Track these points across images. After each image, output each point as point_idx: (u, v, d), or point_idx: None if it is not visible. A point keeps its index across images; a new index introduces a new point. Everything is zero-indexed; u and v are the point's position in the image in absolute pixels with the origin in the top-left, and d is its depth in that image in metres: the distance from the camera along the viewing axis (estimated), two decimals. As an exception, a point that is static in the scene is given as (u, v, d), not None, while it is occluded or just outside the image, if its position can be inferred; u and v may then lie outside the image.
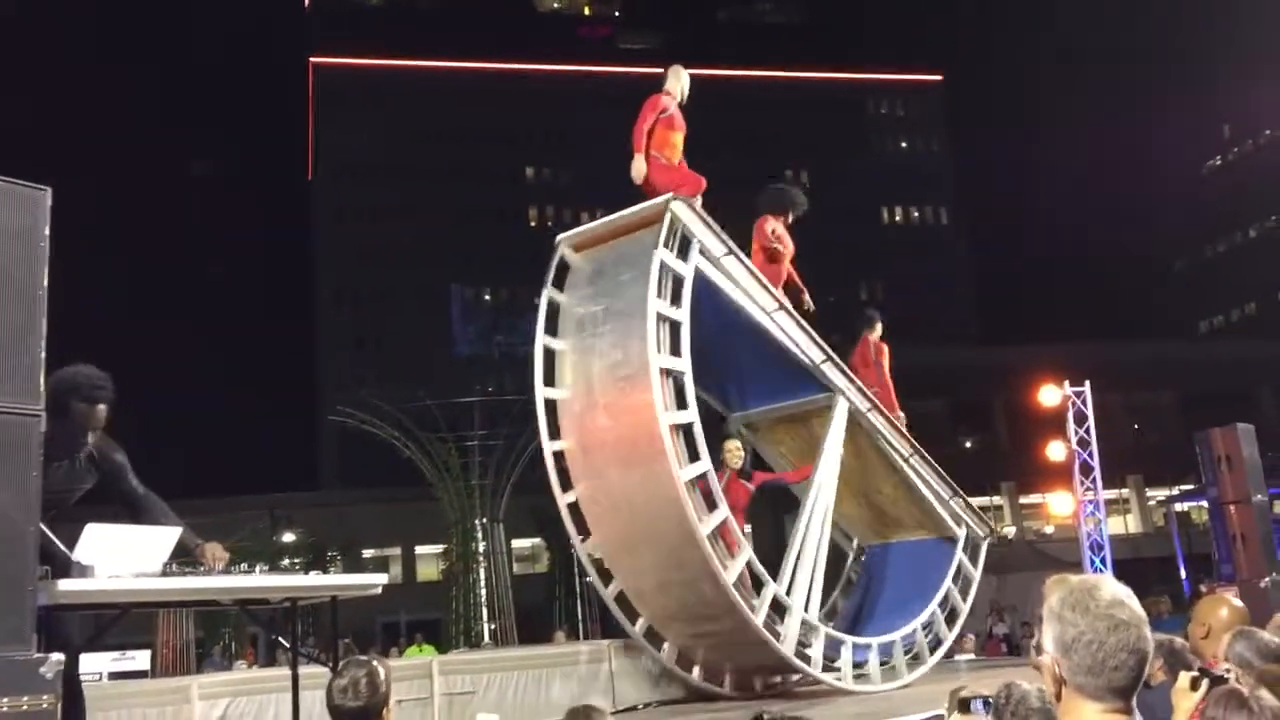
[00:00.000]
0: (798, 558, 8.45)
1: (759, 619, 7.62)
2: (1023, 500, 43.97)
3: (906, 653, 8.98)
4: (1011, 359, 38.60)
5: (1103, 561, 13.98)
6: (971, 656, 13.78)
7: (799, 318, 8.93)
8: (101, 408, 4.75)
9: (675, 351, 7.62)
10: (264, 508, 31.52)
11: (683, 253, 7.93)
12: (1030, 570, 22.86)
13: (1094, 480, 14.38)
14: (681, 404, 7.56)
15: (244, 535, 20.54)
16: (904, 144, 69.48)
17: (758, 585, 7.89)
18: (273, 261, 64.62)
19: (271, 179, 65.75)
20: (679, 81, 8.64)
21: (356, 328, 58.57)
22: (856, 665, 8.49)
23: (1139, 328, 54.03)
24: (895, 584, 10.10)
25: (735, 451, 8.94)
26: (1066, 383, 14.55)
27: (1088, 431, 14.41)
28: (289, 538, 32.04)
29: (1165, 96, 64.77)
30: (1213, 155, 71.73)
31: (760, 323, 8.70)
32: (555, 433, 8.10)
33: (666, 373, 7.52)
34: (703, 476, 7.55)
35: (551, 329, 8.18)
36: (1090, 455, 14.39)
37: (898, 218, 68.84)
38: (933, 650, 9.22)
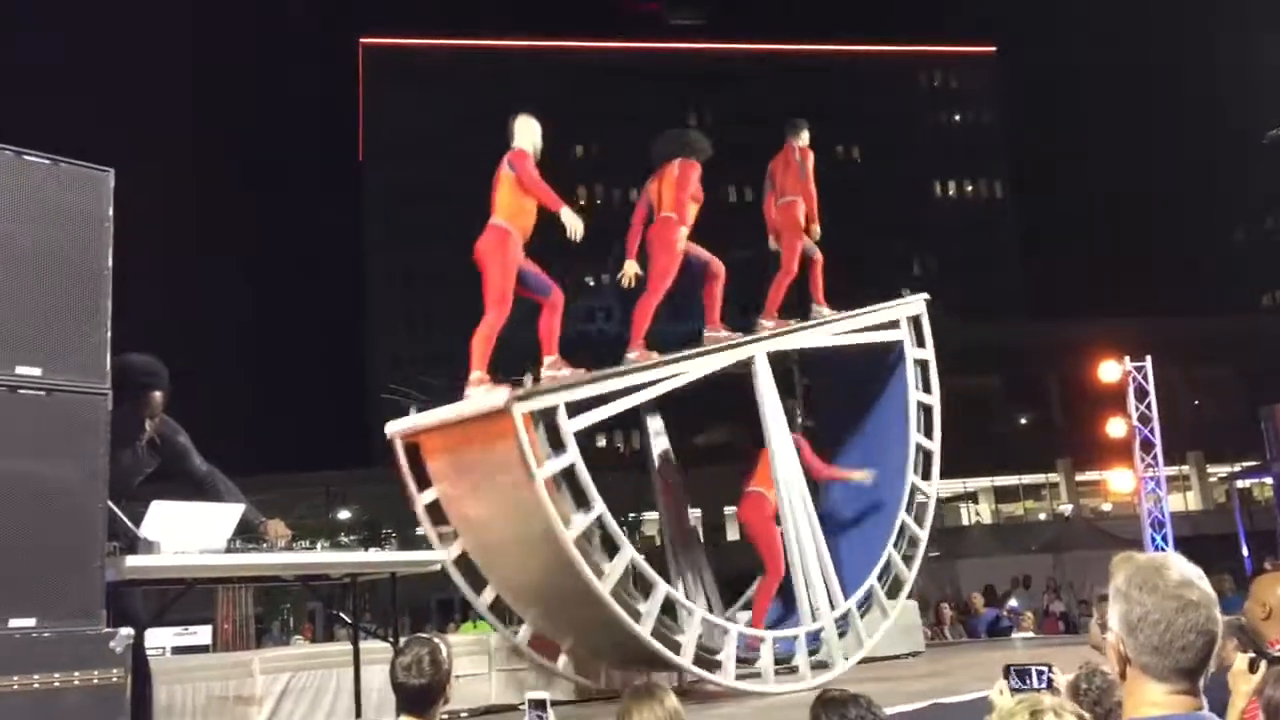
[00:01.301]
0: (799, 555, 8.05)
1: (647, 627, 6.91)
2: (1079, 477, 43.47)
3: (812, 653, 7.91)
4: (1067, 334, 38.13)
5: (1164, 539, 13.76)
6: (1029, 634, 13.66)
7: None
8: (156, 395, 4.82)
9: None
10: (320, 485, 31.91)
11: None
12: (1087, 548, 22.61)
13: (1155, 457, 14.13)
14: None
15: (302, 512, 20.77)
16: (956, 117, 68.51)
17: (646, 589, 7.25)
18: (325, 242, 65.30)
19: (324, 159, 66.40)
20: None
21: (407, 307, 58.98)
22: (745, 662, 7.62)
23: (1198, 301, 53.05)
24: (839, 551, 9.14)
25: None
26: (1127, 358, 14.30)
27: (1149, 407, 14.16)
28: (344, 515, 32.43)
29: (1226, 63, 63.35)
30: (1275, 124, 70.02)
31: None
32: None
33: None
34: (570, 469, 6.93)
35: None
36: (1151, 431, 14.15)
37: (950, 192, 67.96)
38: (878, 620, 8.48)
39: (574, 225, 7.31)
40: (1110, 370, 14.56)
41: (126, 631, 3.67)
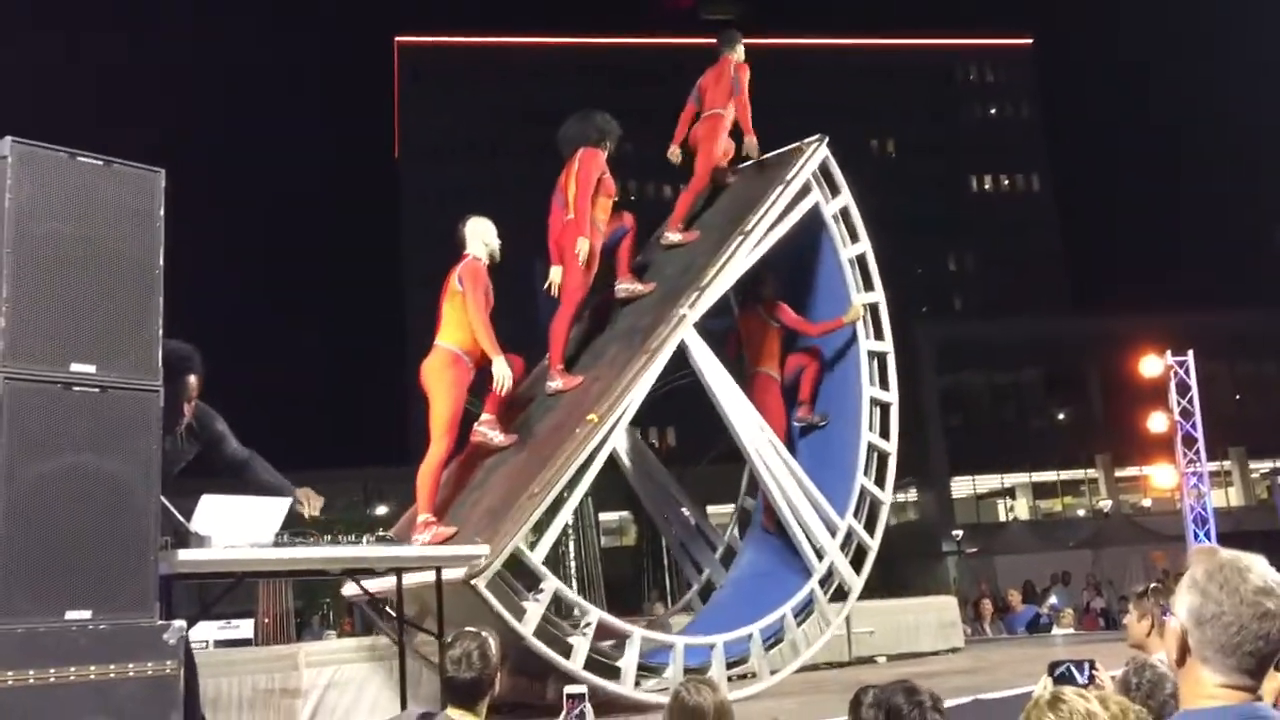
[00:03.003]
0: (786, 503, 7.55)
1: (530, 625, 6.26)
2: (1119, 473, 43.04)
3: (731, 664, 7.19)
4: (1108, 328, 37.76)
5: (1206, 535, 13.61)
6: (1070, 630, 13.58)
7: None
8: (192, 379, 4.91)
9: None
10: (358, 481, 32.11)
11: None
12: (1127, 544, 22.47)
13: (1197, 452, 13.98)
14: None
15: (340, 508, 20.96)
16: (993, 110, 67.92)
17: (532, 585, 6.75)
18: (363, 238, 65.69)
19: (361, 158, 66.80)
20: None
21: (444, 304, 59.23)
22: (649, 671, 7.01)
23: (1241, 296, 52.36)
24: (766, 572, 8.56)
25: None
26: (1169, 352, 14.15)
27: (1190, 402, 14.01)
28: (381, 510, 32.65)
29: (1262, 55, 62.43)
30: (1320, 116, 68.93)
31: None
32: None
33: None
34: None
35: None
36: (1193, 426, 14.00)
37: (987, 186, 67.40)
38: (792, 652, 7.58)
39: (502, 377, 6.72)
40: (1152, 365, 14.42)
41: (179, 624, 3.74)
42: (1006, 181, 67.55)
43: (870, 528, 8.12)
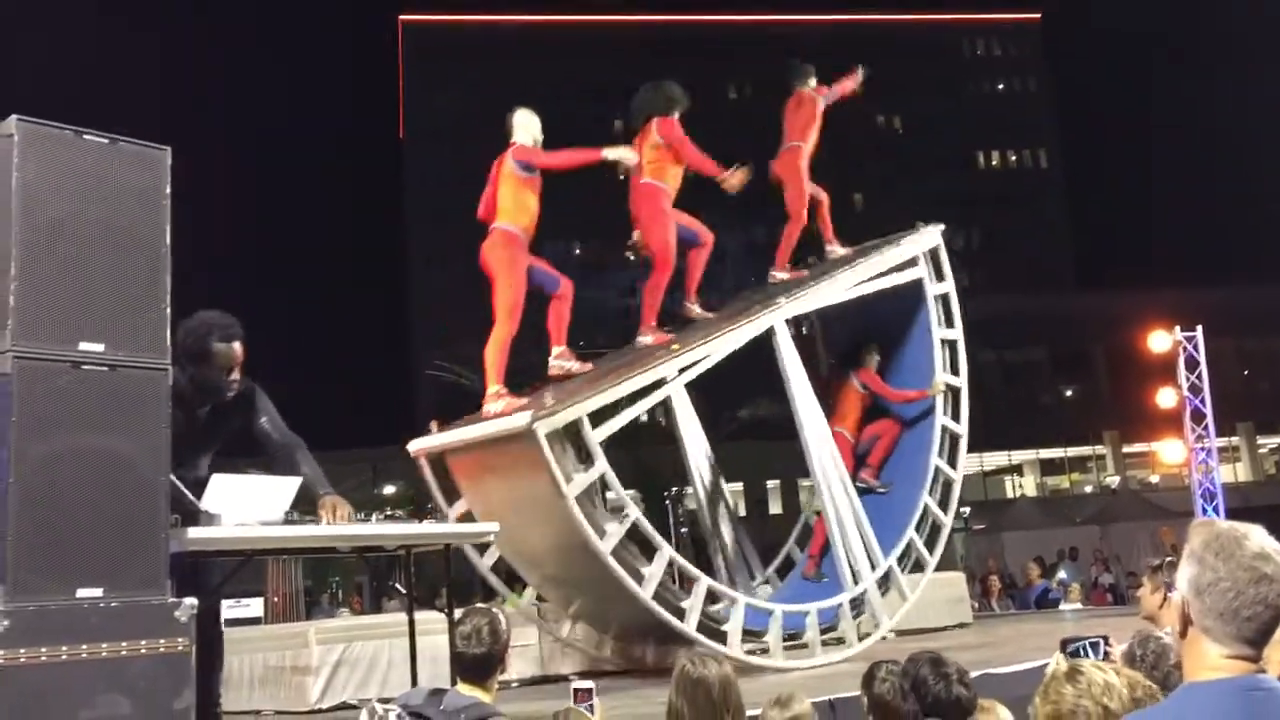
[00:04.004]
0: (838, 525, 7.96)
1: (648, 590, 6.85)
2: (1126, 449, 43.04)
3: (825, 630, 7.80)
4: (1114, 305, 37.70)
5: (1215, 510, 13.60)
6: (1078, 606, 13.59)
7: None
8: (238, 345, 4.88)
9: None
10: (366, 461, 32.20)
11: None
12: (1135, 520, 22.44)
13: (1206, 428, 13.96)
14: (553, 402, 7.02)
15: (349, 487, 20.99)
16: (1000, 86, 67.54)
17: (649, 552, 7.22)
18: (369, 220, 65.67)
19: (367, 138, 66.67)
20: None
21: (451, 284, 59.23)
22: (753, 634, 7.53)
23: (1248, 271, 52.18)
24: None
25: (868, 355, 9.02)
26: (1177, 328, 14.11)
27: (1199, 378, 13.98)
28: (389, 490, 32.76)
29: (1276, 30, 61.96)
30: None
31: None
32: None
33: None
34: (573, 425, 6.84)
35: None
36: (1202, 402, 13.97)
37: (994, 162, 67.11)
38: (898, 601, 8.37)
39: (622, 155, 7.34)
40: (1160, 340, 14.39)
41: (190, 601, 3.75)
42: (1014, 157, 67.27)
43: (919, 566, 8.70)
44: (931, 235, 9.27)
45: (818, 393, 8.48)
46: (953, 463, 9.00)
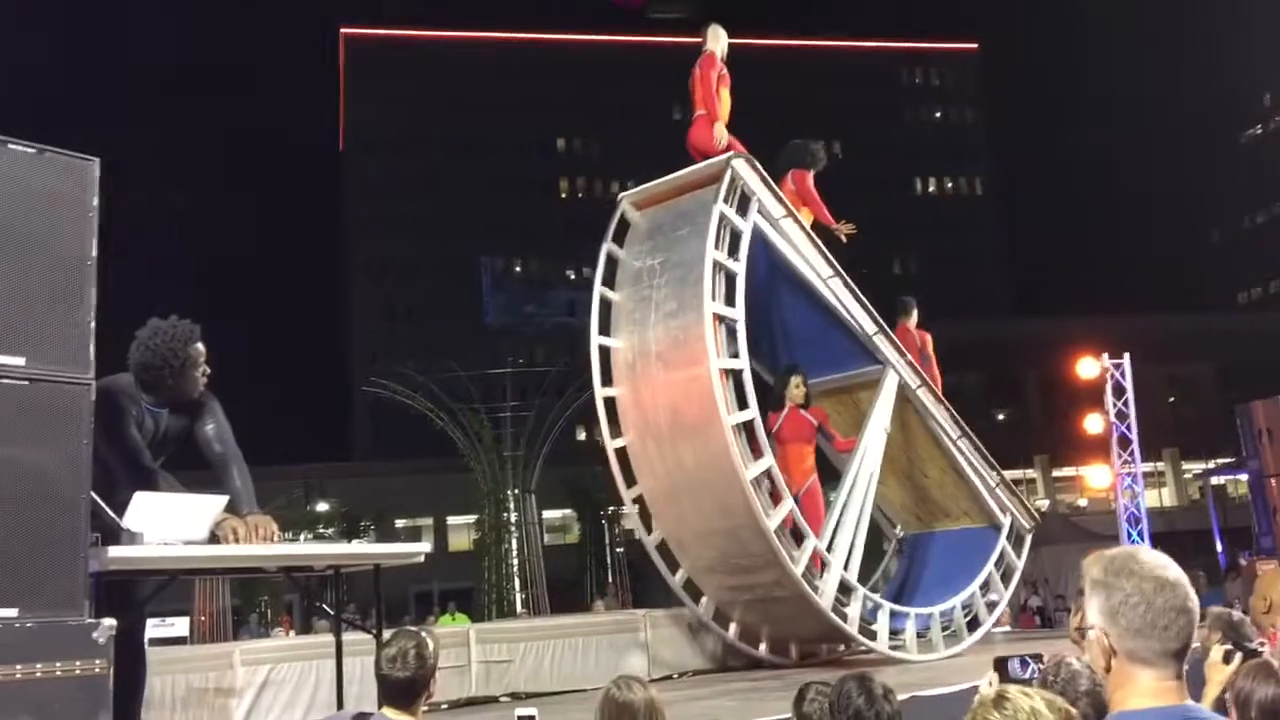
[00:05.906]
0: (839, 520, 8.48)
1: (798, 570, 7.71)
2: (1055, 473, 43.74)
3: (944, 629, 8.95)
4: (1046, 331, 38.37)
5: (1140, 535, 13.85)
6: (1006, 628, 13.71)
7: (854, 287, 8.91)
8: (199, 346, 4.83)
9: (730, 301, 7.77)
10: (299, 477, 31.79)
11: (742, 209, 8.05)
12: (1064, 543, 22.73)
13: (1132, 453, 14.23)
14: (733, 352, 7.72)
15: (280, 504, 20.72)
16: (938, 114, 68.71)
17: (798, 537, 7.95)
18: (305, 233, 64.87)
19: (303, 150, 65.96)
20: (719, 42, 8.91)
21: (388, 299, 58.75)
22: (893, 633, 8.51)
23: (1176, 300, 53.40)
24: (936, 566, 10.12)
25: (798, 386, 9.11)
26: (1105, 355, 14.38)
27: (1126, 404, 14.26)
28: (323, 507, 32.33)
29: (1203, 64, 63.73)
30: (1252, 124, 70.51)
31: (814, 288, 8.71)
32: (608, 380, 8.29)
33: (719, 319, 7.67)
34: (750, 423, 7.65)
35: (609, 282, 8.39)
36: (1128, 428, 14.25)
37: (931, 189, 68.16)
38: (970, 629, 9.17)
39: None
40: (1089, 367, 14.64)
41: (109, 622, 3.65)
42: (950, 184, 68.37)
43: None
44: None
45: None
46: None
